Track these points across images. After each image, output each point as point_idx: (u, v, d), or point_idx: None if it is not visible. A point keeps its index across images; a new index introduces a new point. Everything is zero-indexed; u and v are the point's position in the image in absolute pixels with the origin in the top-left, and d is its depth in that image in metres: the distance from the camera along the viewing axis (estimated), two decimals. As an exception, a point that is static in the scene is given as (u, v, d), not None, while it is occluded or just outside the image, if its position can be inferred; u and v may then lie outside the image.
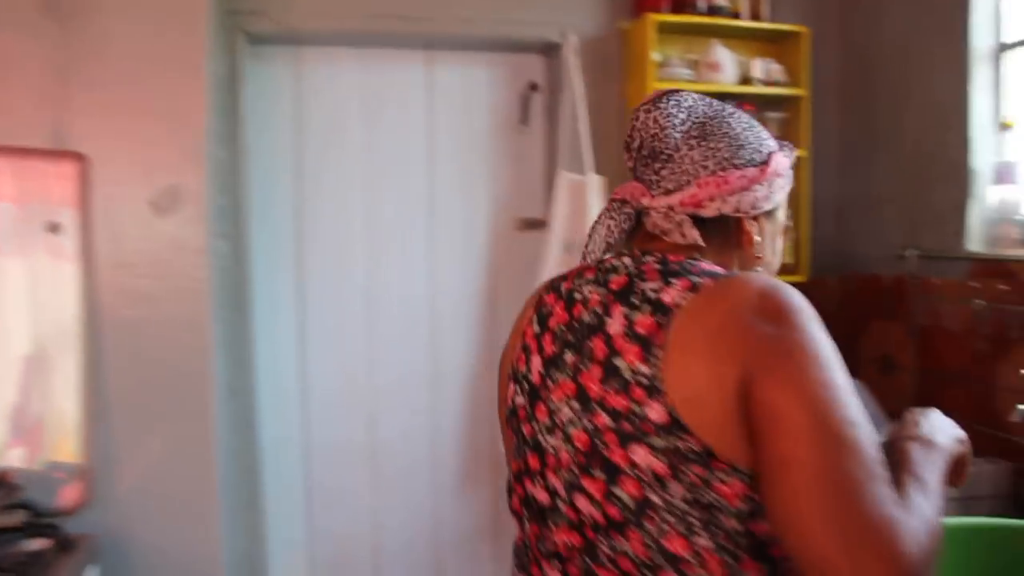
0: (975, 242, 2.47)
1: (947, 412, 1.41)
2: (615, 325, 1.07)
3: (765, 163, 1.16)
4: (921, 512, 0.98)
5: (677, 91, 1.20)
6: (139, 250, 2.30)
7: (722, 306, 1.02)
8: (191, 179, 2.32)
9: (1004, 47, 2.45)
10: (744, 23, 2.83)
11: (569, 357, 1.10)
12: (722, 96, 2.77)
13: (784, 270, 2.74)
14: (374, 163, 2.85)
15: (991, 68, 2.47)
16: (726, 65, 2.78)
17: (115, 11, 2.27)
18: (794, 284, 1.06)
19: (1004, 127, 2.43)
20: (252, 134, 2.68)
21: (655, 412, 1.00)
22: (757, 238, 1.17)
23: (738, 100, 2.83)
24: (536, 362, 1.15)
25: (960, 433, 1.22)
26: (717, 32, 2.83)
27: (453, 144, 2.91)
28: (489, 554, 3.02)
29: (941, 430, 1.18)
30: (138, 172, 2.30)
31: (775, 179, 1.17)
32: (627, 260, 1.14)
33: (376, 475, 2.91)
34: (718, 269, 1.10)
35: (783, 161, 1.20)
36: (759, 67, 2.83)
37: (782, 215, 1.24)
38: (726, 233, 1.16)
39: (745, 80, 2.84)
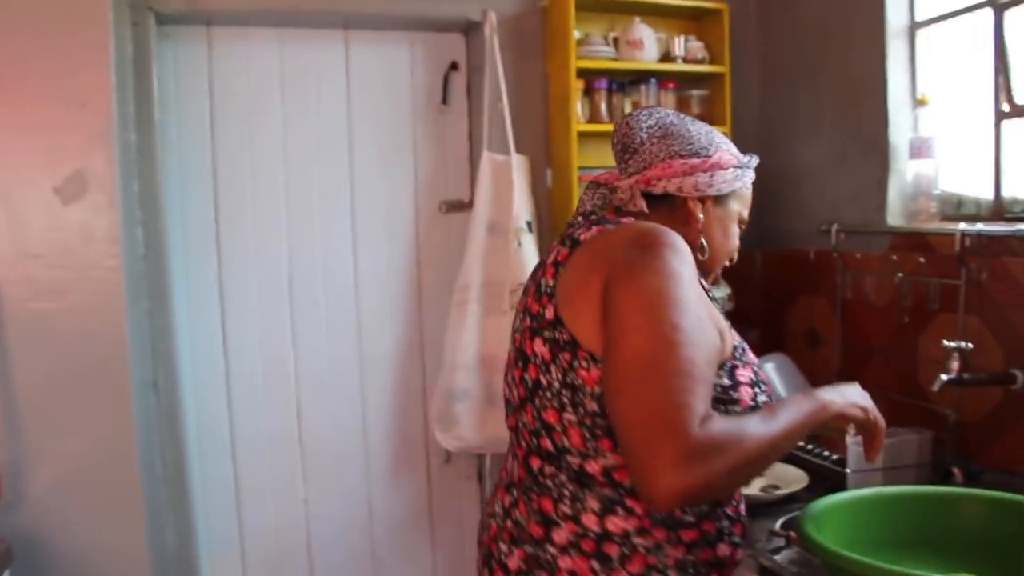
0: (895, 216, 2.51)
1: (871, 384, 1.45)
2: (551, 258, 1.39)
3: (708, 156, 1.45)
4: (741, 424, 1.18)
5: (653, 106, 1.57)
6: (46, 240, 2.21)
7: (610, 238, 1.32)
8: (99, 164, 2.23)
9: (918, 24, 2.48)
10: (664, 1, 2.82)
11: (530, 285, 1.43)
12: (644, 73, 2.79)
13: (709, 247, 2.76)
14: (294, 145, 2.77)
15: (906, 45, 2.50)
16: (647, 42, 2.77)
17: (12, -10, 2.16)
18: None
19: (920, 103, 2.47)
20: (166, 116, 2.58)
21: (549, 312, 1.32)
22: (700, 216, 1.44)
23: (660, 77, 2.83)
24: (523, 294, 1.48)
25: (863, 402, 1.39)
26: (638, 9, 2.81)
27: (375, 125, 2.84)
28: (425, 540, 2.98)
29: (839, 392, 1.37)
30: (41, 158, 2.20)
31: (717, 171, 1.44)
32: (580, 219, 1.47)
33: (307, 465, 2.84)
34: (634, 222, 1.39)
35: (726, 157, 1.46)
36: (680, 44, 2.83)
37: (736, 206, 1.50)
38: (672, 208, 1.45)
39: (667, 57, 2.84)
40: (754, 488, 2.15)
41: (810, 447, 2.31)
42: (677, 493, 1.07)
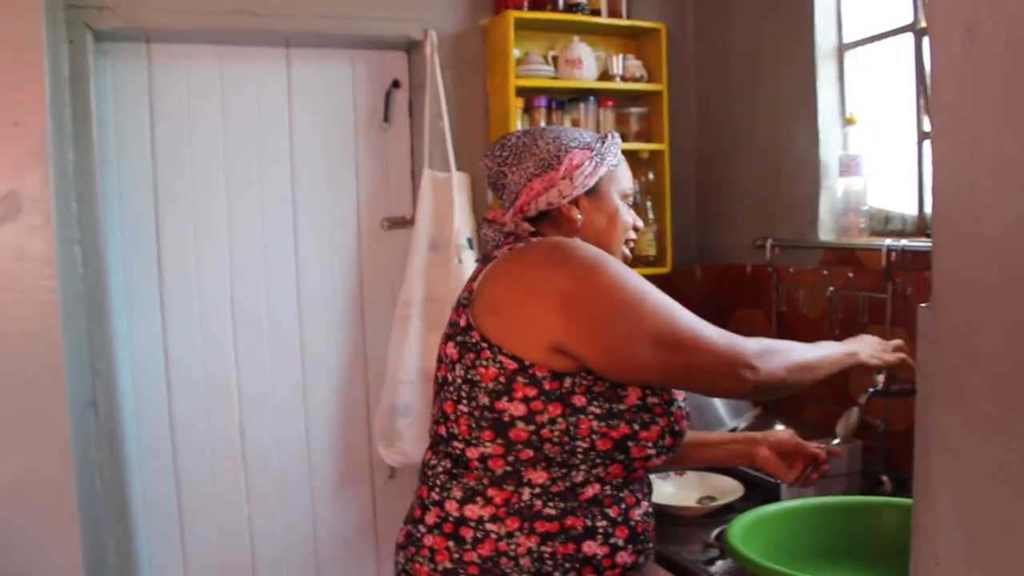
0: (826, 231, 2.58)
1: (804, 395, 1.52)
2: (472, 275, 1.56)
3: (560, 164, 1.55)
4: (783, 342, 1.50)
5: (506, 134, 1.65)
6: (-23, 262, 2.18)
7: (521, 252, 1.49)
8: (33, 184, 2.20)
9: (846, 46, 2.56)
10: (603, 20, 2.87)
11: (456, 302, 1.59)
12: (583, 91, 2.84)
13: (647, 262, 2.81)
14: (235, 162, 2.77)
15: (835, 65, 2.58)
16: (586, 61, 2.82)
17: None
18: (658, 275, 1.38)
19: (848, 122, 2.54)
20: (105, 134, 2.57)
21: (463, 320, 1.47)
22: (578, 217, 1.57)
23: (598, 95, 2.88)
24: None
25: (885, 354, 1.67)
26: (576, 28, 2.86)
27: (316, 143, 2.85)
28: (370, 555, 2.98)
29: (863, 342, 1.68)
30: (-28, 179, 2.17)
31: (573, 172, 1.55)
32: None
33: (250, 483, 2.83)
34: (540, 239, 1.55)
35: (577, 156, 1.57)
36: (619, 63, 2.88)
37: (611, 187, 1.61)
38: (556, 220, 1.59)
39: (605, 76, 2.89)
40: (691, 499, 2.19)
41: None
42: (759, 381, 1.37)
